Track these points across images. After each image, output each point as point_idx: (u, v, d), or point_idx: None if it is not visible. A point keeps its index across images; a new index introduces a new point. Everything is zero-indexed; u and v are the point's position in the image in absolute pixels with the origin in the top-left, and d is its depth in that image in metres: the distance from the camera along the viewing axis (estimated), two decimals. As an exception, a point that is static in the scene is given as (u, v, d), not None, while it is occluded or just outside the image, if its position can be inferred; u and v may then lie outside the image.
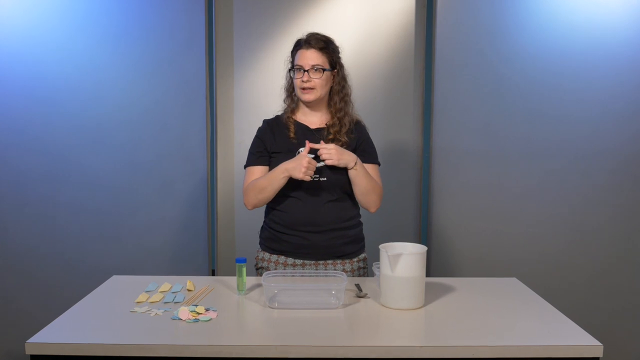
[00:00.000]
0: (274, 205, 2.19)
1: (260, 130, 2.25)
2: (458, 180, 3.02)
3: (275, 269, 2.17)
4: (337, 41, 2.21)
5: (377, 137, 2.27)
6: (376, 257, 1.91)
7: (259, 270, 2.23)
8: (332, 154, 2.04)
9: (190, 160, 3.03)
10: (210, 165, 3.05)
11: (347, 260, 2.19)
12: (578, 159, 2.97)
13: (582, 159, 2.97)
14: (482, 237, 3.04)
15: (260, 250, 2.25)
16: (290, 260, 2.16)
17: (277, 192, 2.10)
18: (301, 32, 2.22)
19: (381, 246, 1.85)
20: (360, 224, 2.26)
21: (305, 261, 2.15)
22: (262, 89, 3.01)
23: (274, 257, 2.19)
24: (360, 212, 2.26)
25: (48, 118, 2.98)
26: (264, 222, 2.26)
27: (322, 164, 2.06)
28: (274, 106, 2.31)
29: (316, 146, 2.06)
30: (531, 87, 2.95)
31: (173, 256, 3.06)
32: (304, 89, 2.12)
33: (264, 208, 2.25)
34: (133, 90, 2.99)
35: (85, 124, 2.99)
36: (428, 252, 1.90)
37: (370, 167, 2.18)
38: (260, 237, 2.27)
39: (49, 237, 3.04)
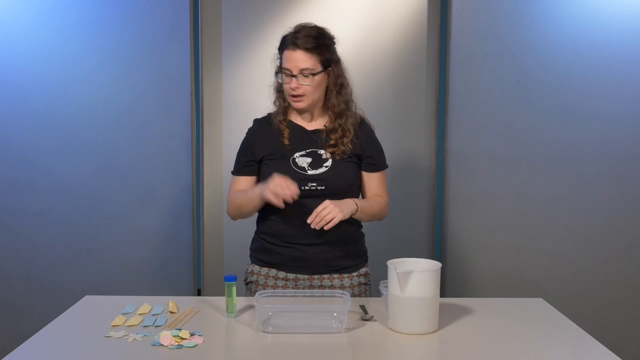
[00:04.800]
0: (266, 213, 2.21)
1: (249, 132, 2.26)
2: (477, 188, 3.03)
3: (265, 282, 2.19)
4: (335, 31, 2.17)
5: (385, 140, 2.28)
6: (384, 275, 1.92)
7: (248, 285, 2.25)
8: (335, 211, 2.00)
9: (173, 165, 3.04)
10: (196, 170, 3.06)
11: (345, 275, 2.20)
12: (614, 163, 2.97)
13: (619, 163, 2.97)
14: (504, 253, 3.04)
15: (250, 263, 2.28)
16: (282, 274, 2.18)
17: (256, 210, 2.18)
18: (298, 20, 2.22)
19: (389, 262, 1.85)
20: (362, 235, 2.29)
21: (299, 275, 2.17)
22: (254, 84, 3.02)
23: (264, 270, 2.21)
24: (363, 224, 2.28)
25: (11, 117, 2.99)
26: (255, 232, 2.29)
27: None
28: (268, 104, 2.31)
29: (311, 217, 2.00)
30: (560, 82, 2.95)
31: (153, 273, 3.07)
32: (293, 96, 2.12)
33: (255, 217, 2.26)
34: (109, 86, 3.00)
35: (54, 124, 3.00)
36: (443, 269, 1.91)
37: (378, 176, 2.23)
38: (251, 248, 2.30)
39: (13, 252, 3.04)
